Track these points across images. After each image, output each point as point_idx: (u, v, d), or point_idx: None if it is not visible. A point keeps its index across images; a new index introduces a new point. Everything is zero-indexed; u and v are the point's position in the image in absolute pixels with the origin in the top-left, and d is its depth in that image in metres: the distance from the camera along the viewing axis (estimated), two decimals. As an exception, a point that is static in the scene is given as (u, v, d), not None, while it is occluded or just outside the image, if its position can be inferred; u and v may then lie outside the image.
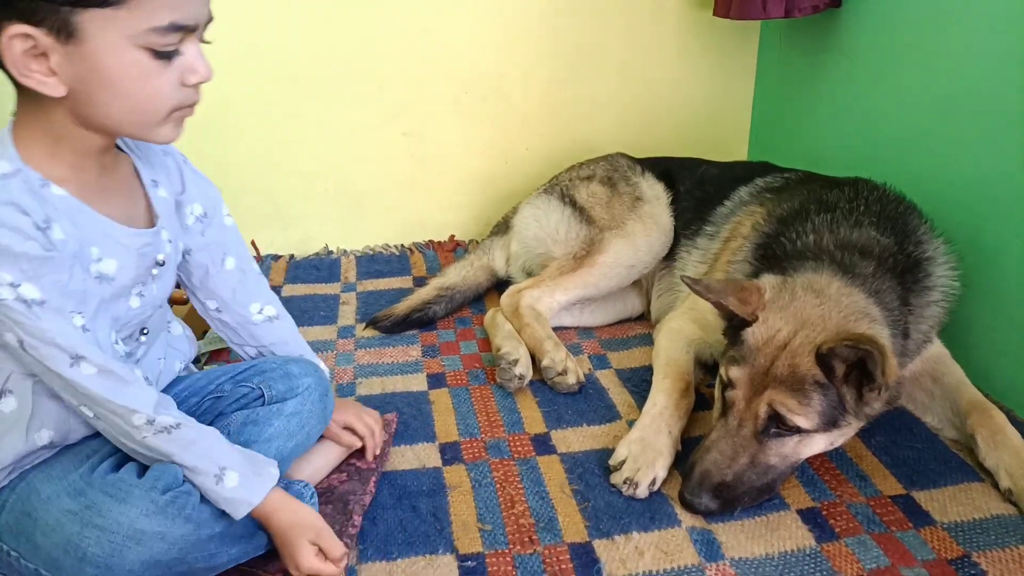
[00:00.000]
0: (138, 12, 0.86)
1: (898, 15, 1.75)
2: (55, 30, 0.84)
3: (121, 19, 0.85)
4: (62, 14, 0.83)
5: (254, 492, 1.03)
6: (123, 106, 0.91)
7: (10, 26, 0.83)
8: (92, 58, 0.86)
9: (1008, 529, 1.21)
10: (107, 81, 0.88)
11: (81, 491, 0.98)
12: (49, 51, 0.85)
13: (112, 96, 0.90)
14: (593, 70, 2.29)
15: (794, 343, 1.21)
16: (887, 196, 1.51)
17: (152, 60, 0.89)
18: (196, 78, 0.93)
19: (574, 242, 1.82)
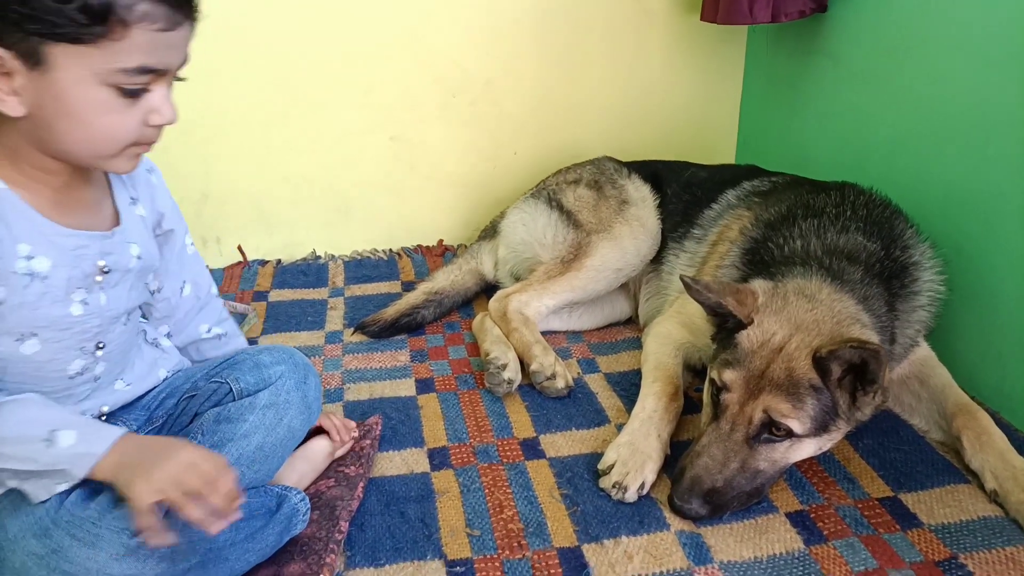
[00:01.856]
0: (108, 52, 0.87)
1: (884, 19, 1.77)
2: (23, 55, 0.85)
3: (91, 56, 0.86)
4: (32, 42, 0.85)
5: (94, 443, 0.94)
6: (80, 136, 0.92)
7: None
8: (56, 87, 0.87)
9: (995, 530, 1.22)
10: (68, 111, 0.89)
11: (47, 531, 0.94)
12: (14, 72, 0.87)
13: (70, 125, 0.91)
14: (581, 74, 2.30)
15: (790, 346, 1.21)
16: (873, 201, 1.52)
17: (118, 97, 0.90)
18: (160, 120, 0.94)
19: (561, 246, 1.82)
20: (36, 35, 0.84)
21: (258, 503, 1.11)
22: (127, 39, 0.87)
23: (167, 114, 0.94)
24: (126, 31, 0.87)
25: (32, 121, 0.91)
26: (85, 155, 0.96)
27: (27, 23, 0.83)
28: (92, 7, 0.84)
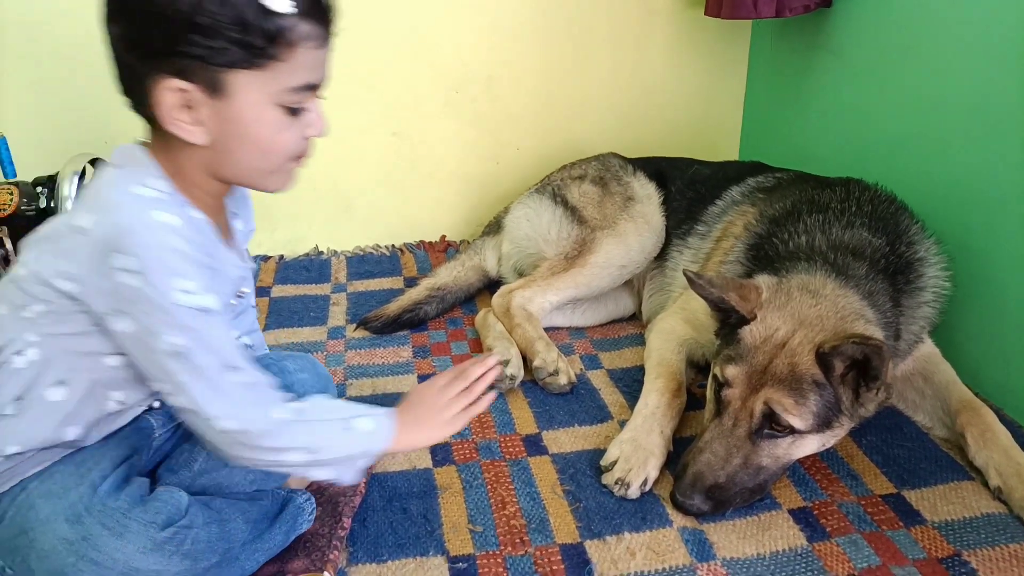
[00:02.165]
0: (280, 73, 0.93)
1: (889, 15, 1.76)
2: (206, 86, 0.91)
3: (265, 79, 0.93)
4: (214, 73, 0.90)
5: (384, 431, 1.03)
6: (254, 157, 0.99)
7: (167, 80, 0.90)
8: (235, 112, 0.93)
9: (998, 527, 1.22)
10: (245, 134, 0.96)
11: (79, 517, 0.95)
12: (197, 104, 0.92)
13: (247, 147, 0.97)
14: (584, 70, 2.29)
15: (793, 342, 1.21)
16: (878, 196, 1.51)
17: (284, 116, 0.96)
18: (315, 132, 1.00)
19: (565, 242, 1.82)
20: (218, 65, 0.90)
21: (267, 504, 1.13)
22: (293, 59, 0.93)
23: (320, 125, 1.00)
24: (292, 52, 0.93)
25: (211, 148, 0.96)
26: (255, 175, 1.02)
27: (211, 55, 0.89)
28: (268, 31, 0.90)
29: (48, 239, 0.98)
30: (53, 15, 1.96)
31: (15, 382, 0.97)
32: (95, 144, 1.92)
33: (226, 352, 0.94)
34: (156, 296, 0.89)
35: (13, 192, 1.67)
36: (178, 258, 0.91)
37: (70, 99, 2.02)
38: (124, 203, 0.92)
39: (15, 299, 0.97)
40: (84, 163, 1.73)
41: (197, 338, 0.92)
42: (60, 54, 1.99)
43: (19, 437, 0.98)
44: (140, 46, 0.90)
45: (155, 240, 0.90)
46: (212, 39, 0.88)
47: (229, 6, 0.87)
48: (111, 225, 0.90)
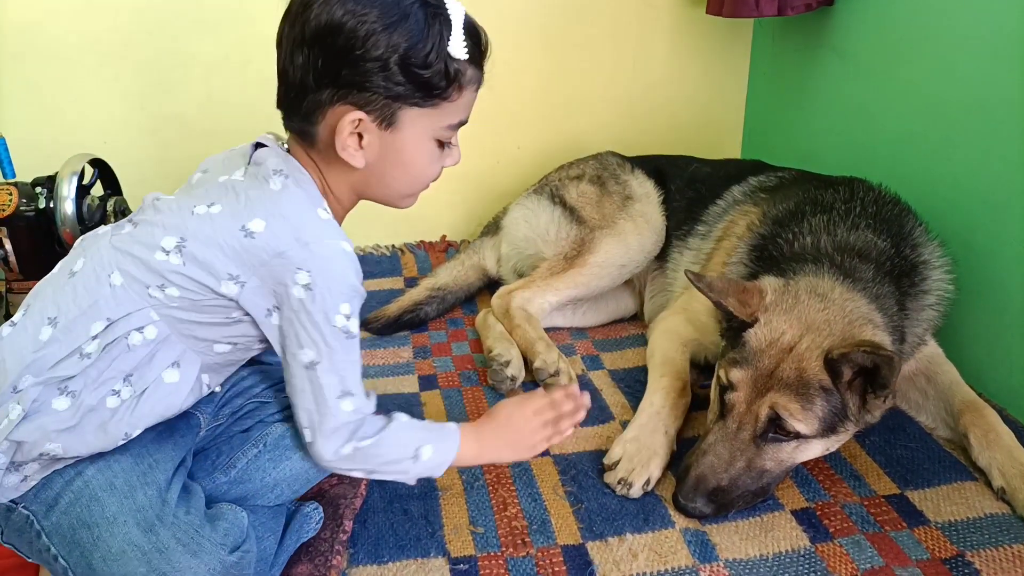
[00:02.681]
0: (444, 112, 1.03)
1: (891, 13, 1.75)
2: (380, 119, 0.99)
3: (431, 116, 1.02)
4: (392, 108, 0.99)
5: (447, 453, 1.07)
6: (403, 182, 1.08)
7: (350, 111, 0.98)
8: (399, 143, 1.02)
9: (1002, 528, 1.21)
10: (403, 162, 1.05)
11: (152, 526, 0.95)
12: (366, 132, 1.00)
13: (401, 174, 1.06)
14: (585, 68, 2.28)
15: (800, 347, 1.20)
16: (882, 197, 1.50)
17: (436, 148, 1.07)
18: (452, 162, 1.11)
19: (564, 242, 1.81)
20: (397, 100, 0.98)
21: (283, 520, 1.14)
22: (459, 100, 1.03)
23: (457, 157, 1.11)
24: (460, 94, 1.03)
25: (368, 171, 1.04)
26: (397, 197, 1.11)
27: (395, 94, 0.98)
28: (449, 74, 0.99)
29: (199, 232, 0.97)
30: (52, 15, 1.95)
31: (128, 360, 0.96)
32: (94, 144, 1.92)
33: (349, 377, 1.01)
34: (319, 315, 0.97)
35: (12, 192, 1.67)
36: (348, 286, 0.99)
37: (69, 99, 2.02)
38: (315, 227, 0.99)
39: (138, 274, 0.97)
40: (83, 163, 1.72)
41: (332, 358, 0.99)
42: (59, 55, 1.98)
43: (144, 420, 0.99)
44: (329, 77, 0.97)
45: (338, 267, 0.98)
46: (399, 79, 0.97)
47: (419, 50, 0.96)
48: (301, 244, 0.96)
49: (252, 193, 0.99)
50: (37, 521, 0.96)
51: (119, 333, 0.95)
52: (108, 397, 0.96)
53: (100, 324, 0.95)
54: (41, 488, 0.96)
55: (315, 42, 0.96)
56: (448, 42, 0.98)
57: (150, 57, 2.02)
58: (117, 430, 0.96)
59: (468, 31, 1.01)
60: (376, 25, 0.94)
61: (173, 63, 2.03)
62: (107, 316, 0.95)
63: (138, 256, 0.97)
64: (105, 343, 0.95)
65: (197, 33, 2.02)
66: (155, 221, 1.00)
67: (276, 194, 0.99)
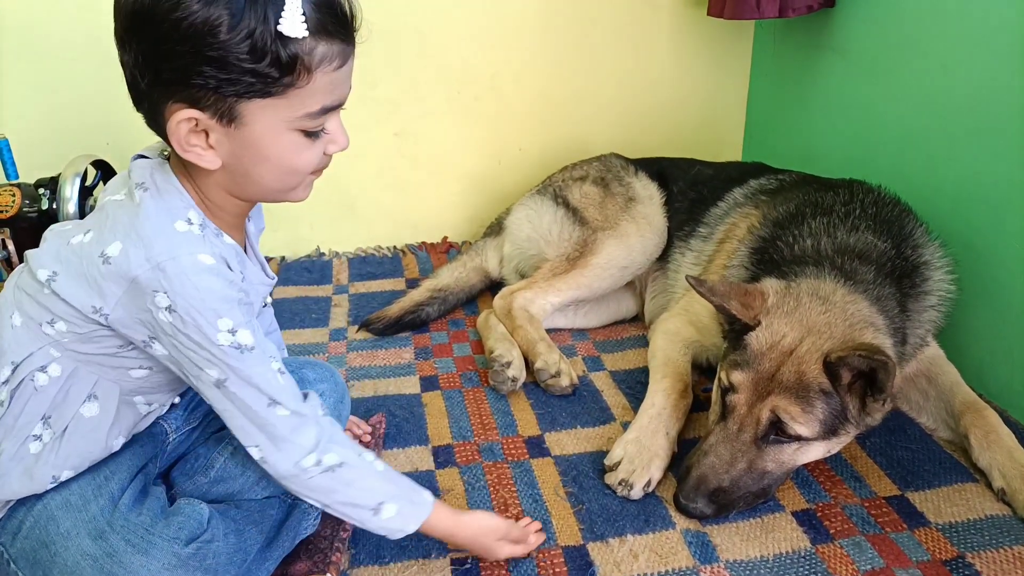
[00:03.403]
0: (295, 99, 0.89)
1: (892, 14, 1.75)
2: (218, 115, 0.88)
3: (279, 106, 0.89)
4: (227, 102, 0.87)
5: (408, 521, 1.03)
6: (273, 177, 0.96)
7: (180, 110, 0.87)
8: (250, 139, 0.91)
9: (1002, 529, 1.21)
10: (262, 157, 0.93)
11: (102, 533, 0.94)
12: (209, 130, 0.90)
13: (265, 169, 0.94)
14: (587, 70, 2.29)
15: (800, 350, 1.20)
16: (882, 199, 1.50)
17: (303, 138, 0.94)
18: (336, 149, 0.98)
19: (567, 243, 1.81)
20: (231, 96, 0.87)
21: (275, 511, 1.13)
22: (310, 85, 0.89)
23: (342, 141, 0.98)
24: (310, 77, 0.89)
25: (228, 170, 0.94)
26: (275, 192, 1.00)
27: (224, 87, 0.86)
28: (282, 60, 0.86)
29: (70, 263, 0.93)
30: (54, 17, 1.96)
31: (40, 401, 0.95)
32: (96, 146, 1.92)
33: (269, 386, 0.94)
34: (197, 335, 0.90)
35: (15, 194, 1.68)
36: (218, 299, 0.91)
37: (71, 101, 2.02)
38: (167, 243, 0.90)
39: (32, 312, 0.95)
40: (86, 164, 1.73)
41: (236, 374, 0.92)
42: (61, 56, 1.99)
43: (72, 461, 0.98)
44: (151, 74, 0.87)
45: (197, 283, 0.89)
46: (224, 70, 0.85)
47: (241, 36, 0.83)
48: (153, 266, 0.89)
49: (118, 213, 0.94)
50: (6, 551, 0.96)
51: (24, 375, 0.94)
52: (30, 443, 0.95)
53: (7, 370, 0.94)
54: (7, 519, 0.97)
55: (131, 35, 0.86)
56: (280, 20, 0.84)
57: (153, 58, 2.02)
58: (43, 474, 0.96)
59: (314, 1, 0.87)
60: (189, 8, 0.82)
61: (175, 64, 2.04)
62: (12, 360, 0.94)
63: (29, 292, 0.95)
64: (12, 388, 0.94)
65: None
66: (40, 252, 0.97)
67: (135, 210, 0.93)
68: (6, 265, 1.69)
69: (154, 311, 0.89)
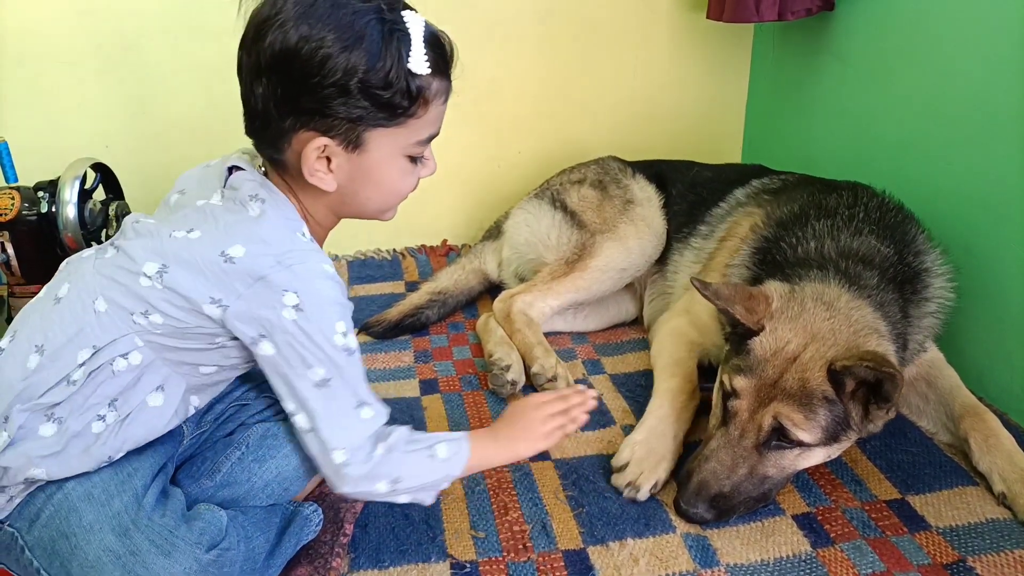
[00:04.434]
0: (411, 129, 1.01)
1: (891, 18, 1.76)
2: (346, 142, 0.99)
3: (399, 134, 1.01)
4: (357, 131, 0.98)
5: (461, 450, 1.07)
6: (381, 199, 1.08)
7: (314, 138, 0.97)
8: (368, 164, 1.02)
9: (1003, 533, 1.21)
10: (375, 182, 1.04)
11: (126, 530, 0.95)
12: (333, 155, 1.00)
13: (374, 192, 1.06)
14: (585, 72, 2.29)
15: (804, 357, 1.19)
16: (885, 204, 1.50)
17: (408, 163, 1.05)
18: (427, 173, 1.10)
19: (565, 247, 1.81)
20: (361, 123, 0.97)
21: (278, 518, 1.13)
22: (425, 116, 1.01)
23: (432, 167, 1.10)
24: (426, 109, 1.01)
25: (340, 192, 1.04)
26: (373, 212, 1.11)
27: (358, 117, 0.96)
28: (412, 94, 0.97)
29: (180, 257, 0.97)
30: (54, 20, 1.96)
31: (113, 385, 0.97)
32: (96, 149, 1.92)
33: (360, 388, 1.01)
34: (317, 335, 0.96)
35: (14, 197, 1.67)
36: (338, 305, 0.99)
37: (71, 104, 2.02)
38: (295, 249, 0.98)
39: (122, 300, 0.97)
40: (85, 168, 1.73)
41: (342, 374, 0.99)
42: (61, 59, 1.99)
43: (127, 445, 1.00)
44: (290, 105, 0.95)
45: (324, 288, 0.98)
46: (361, 102, 0.95)
47: (378, 71, 0.94)
48: (284, 267, 0.96)
49: (230, 219, 0.99)
50: (21, 537, 0.97)
51: (104, 359, 0.96)
52: (93, 422, 0.97)
53: (87, 351, 0.96)
54: (24, 505, 0.98)
55: (272, 71, 0.94)
56: (408, 58, 0.96)
57: (152, 62, 2.02)
58: (101, 453, 0.98)
59: (430, 43, 0.99)
60: (332, 49, 0.92)
61: (175, 68, 2.04)
62: (93, 343, 0.96)
63: (121, 282, 0.98)
64: (90, 370, 0.96)
65: (199, 38, 2.03)
66: (136, 246, 1.00)
67: (254, 220, 0.99)
68: (5, 268, 1.69)
69: (279, 308, 0.95)
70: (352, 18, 0.93)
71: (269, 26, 0.93)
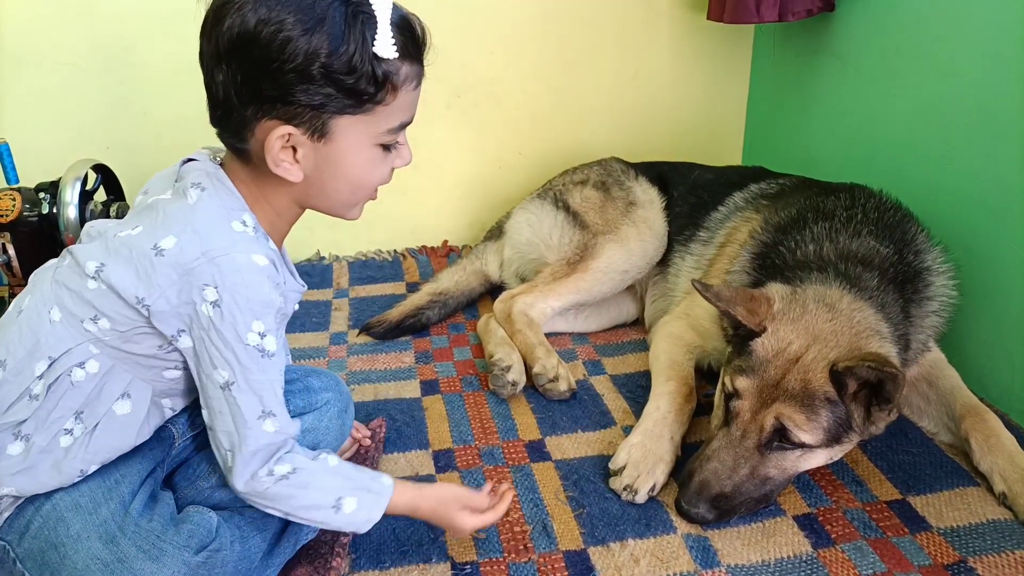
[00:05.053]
0: (381, 116, 0.97)
1: (891, 19, 1.76)
2: (311, 131, 0.95)
3: (367, 122, 0.96)
4: (322, 118, 0.94)
5: (373, 510, 1.03)
6: (346, 190, 1.03)
7: (277, 127, 0.93)
8: (335, 153, 0.97)
9: (1004, 533, 1.21)
10: (343, 172, 0.99)
11: (113, 537, 0.95)
12: (299, 145, 0.96)
13: (341, 184, 1.01)
14: (587, 74, 2.29)
15: (806, 358, 1.19)
16: (883, 204, 1.50)
17: (380, 152, 1.01)
18: (401, 163, 1.05)
19: (567, 247, 1.81)
20: (327, 112, 0.93)
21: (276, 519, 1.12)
22: (395, 102, 0.97)
23: (407, 157, 1.05)
24: (395, 95, 0.96)
25: (305, 183, 0.99)
26: (342, 206, 1.06)
27: (322, 104, 0.92)
28: (377, 79, 0.93)
29: (119, 254, 0.95)
30: (55, 21, 1.96)
31: (75, 397, 0.96)
32: (97, 150, 1.92)
33: (268, 397, 0.96)
34: (229, 333, 0.93)
35: (15, 198, 1.68)
36: (262, 302, 0.94)
37: (72, 105, 2.03)
38: (224, 240, 0.94)
39: (73, 308, 0.95)
40: (86, 169, 1.73)
41: (248, 377, 0.95)
42: (62, 60, 1.99)
43: (100, 456, 0.99)
44: (251, 92, 0.92)
45: (248, 281, 0.93)
46: (324, 88, 0.91)
47: (340, 56, 0.90)
48: (208, 260, 0.92)
49: (170, 209, 0.97)
50: (12, 550, 0.96)
51: (62, 370, 0.95)
52: (61, 436, 0.96)
53: (43, 363, 0.94)
54: (14, 517, 0.97)
55: (231, 56, 0.91)
56: (374, 42, 0.91)
57: (153, 63, 2.03)
58: (71, 468, 0.97)
59: (398, 26, 0.94)
60: (292, 32, 0.88)
61: (176, 68, 2.04)
62: (48, 355, 0.94)
63: (72, 288, 0.96)
64: (49, 382, 0.94)
65: (200, 39, 2.03)
66: (84, 248, 0.99)
67: (190, 208, 0.96)
68: (6, 269, 1.69)
69: (198, 303, 0.92)
70: (314, 0, 0.89)
71: (227, 10, 0.89)
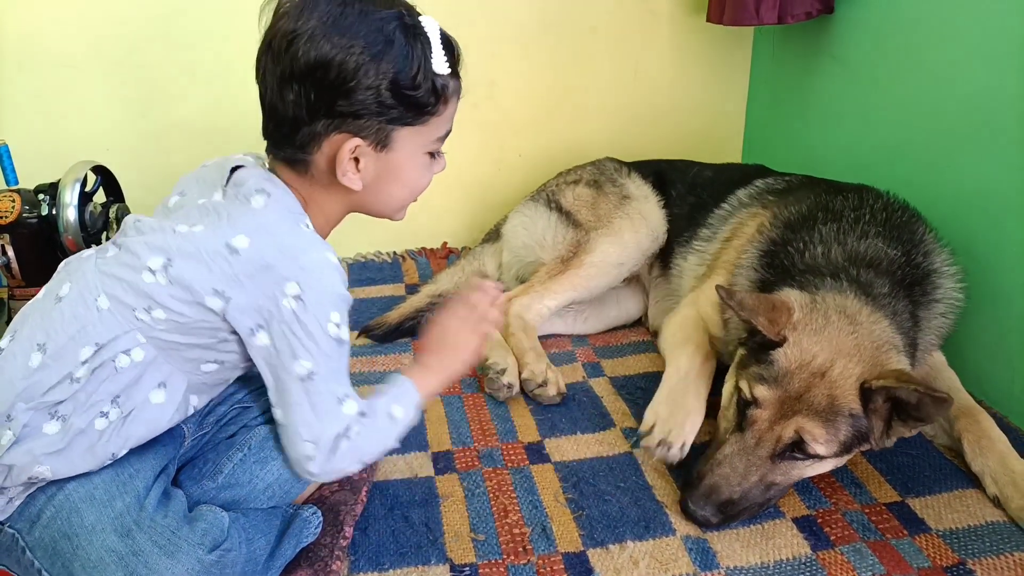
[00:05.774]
0: (432, 126, 1.07)
1: (891, 21, 1.76)
2: (376, 142, 1.04)
3: (421, 133, 1.07)
4: (386, 131, 1.03)
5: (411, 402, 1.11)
6: (399, 196, 1.13)
7: (347, 140, 1.02)
8: (394, 162, 1.07)
9: (1003, 536, 1.21)
10: (399, 179, 1.10)
11: (129, 531, 0.96)
12: (362, 156, 1.04)
13: (396, 190, 1.11)
14: (586, 76, 2.29)
15: (833, 372, 1.18)
16: (891, 205, 1.49)
17: (427, 160, 1.11)
18: (439, 169, 1.15)
19: (561, 246, 1.80)
20: (392, 123, 1.03)
21: (278, 521, 1.13)
22: (445, 113, 1.08)
23: (444, 163, 1.15)
24: (446, 107, 1.08)
25: (364, 191, 1.08)
26: (392, 210, 1.16)
27: (389, 117, 1.02)
28: (437, 91, 1.04)
29: (183, 251, 0.98)
30: (55, 23, 1.96)
31: (116, 382, 0.98)
32: (96, 151, 1.92)
33: (345, 382, 1.03)
34: (312, 324, 0.98)
35: (15, 199, 1.67)
36: (337, 295, 1.01)
37: (72, 107, 2.03)
38: (299, 239, 1.01)
39: (124, 297, 0.98)
40: (86, 170, 1.73)
41: (328, 365, 1.00)
42: (61, 62, 1.99)
43: (130, 443, 1.01)
44: (323, 109, 0.99)
45: (325, 277, 1.00)
46: (392, 104, 1.00)
47: (407, 74, 1.00)
48: (288, 257, 0.98)
49: (233, 211, 1.01)
50: (21, 538, 0.97)
51: (107, 356, 0.97)
52: (97, 419, 0.97)
53: (89, 349, 0.96)
54: (25, 506, 0.98)
55: (305, 78, 0.98)
56: (431, 59, 1.02)
57: (153, 64, 2.03)
58: (104, 451, 0.98)
59: (445, 45, 1.05)
60: (364, 56, 0.97)
61: (176, 70, 2.04)
62: (96, 341, 0.97)
63: (124, 279, 0.98)
64: (94, 367, 0.96)
65: (200, 41, 2.03)
66: (139, 242, 1.01)
67: (258, 211, 1.01)
68: (6, 271, 1.69)
69: (280, 298, 0.97)
70: (379, 24, 0.98)
71: (299, 38, 0.97)
